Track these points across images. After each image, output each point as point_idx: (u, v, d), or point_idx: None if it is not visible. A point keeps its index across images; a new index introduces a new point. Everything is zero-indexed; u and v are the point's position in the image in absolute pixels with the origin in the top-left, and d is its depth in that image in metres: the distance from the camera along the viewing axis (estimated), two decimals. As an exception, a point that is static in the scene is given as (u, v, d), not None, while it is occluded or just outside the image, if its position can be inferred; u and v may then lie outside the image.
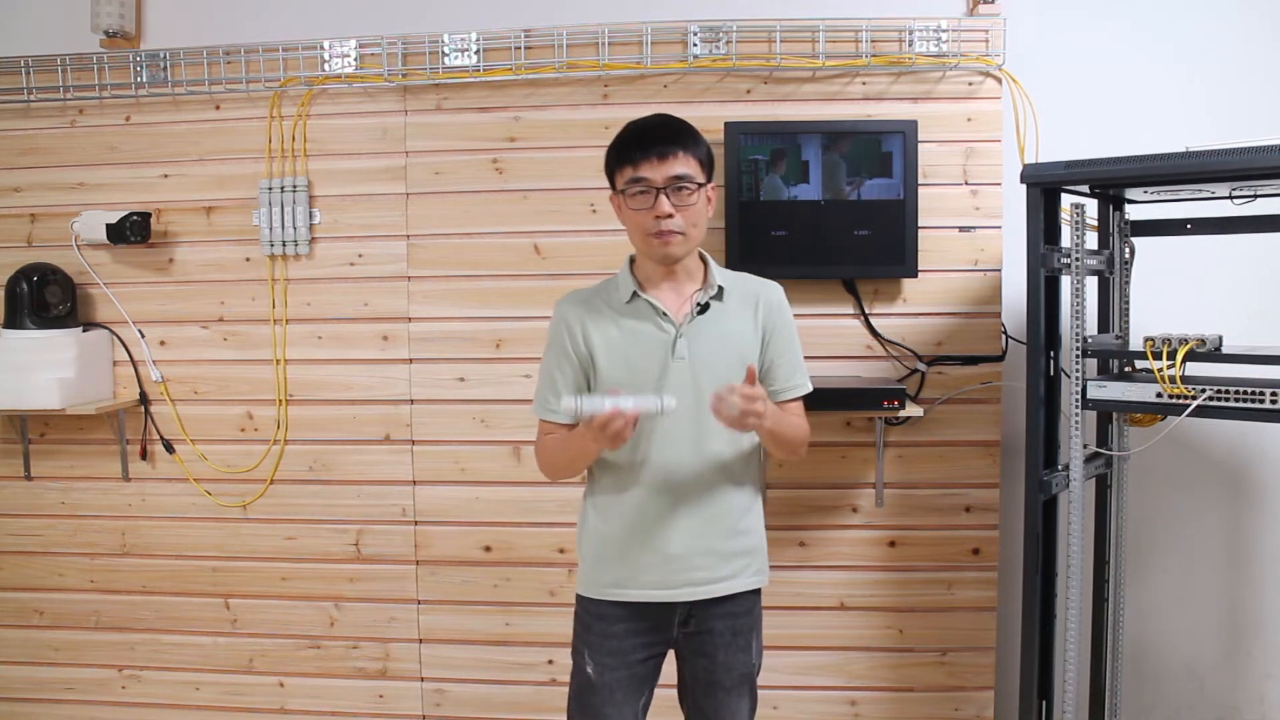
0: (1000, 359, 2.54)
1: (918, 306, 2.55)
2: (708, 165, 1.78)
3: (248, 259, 2.70)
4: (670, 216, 1.71)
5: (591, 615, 1.84)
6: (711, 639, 1.81)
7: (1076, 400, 2.07)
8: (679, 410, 1.68)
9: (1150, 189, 2.18)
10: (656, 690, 1.89)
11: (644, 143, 1.72)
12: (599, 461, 1.82)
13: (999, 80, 2.51)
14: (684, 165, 1.72)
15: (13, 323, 2.62)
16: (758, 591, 1.87)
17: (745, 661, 1.84)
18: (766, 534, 1.90)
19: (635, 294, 1.78)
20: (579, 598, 1.88)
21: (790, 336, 1.86)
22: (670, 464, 1.76)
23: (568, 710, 1.88)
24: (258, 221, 2.67)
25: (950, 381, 2.55)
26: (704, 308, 1.78)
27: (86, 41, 2.72)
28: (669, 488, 1.77)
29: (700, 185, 1.74)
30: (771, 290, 1.86)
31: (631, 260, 1.85)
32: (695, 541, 1.77)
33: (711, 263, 1.84)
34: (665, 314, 1.77)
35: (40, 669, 2.84)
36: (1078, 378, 2.06)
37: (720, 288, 1.79)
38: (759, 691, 1.92)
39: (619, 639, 1.81)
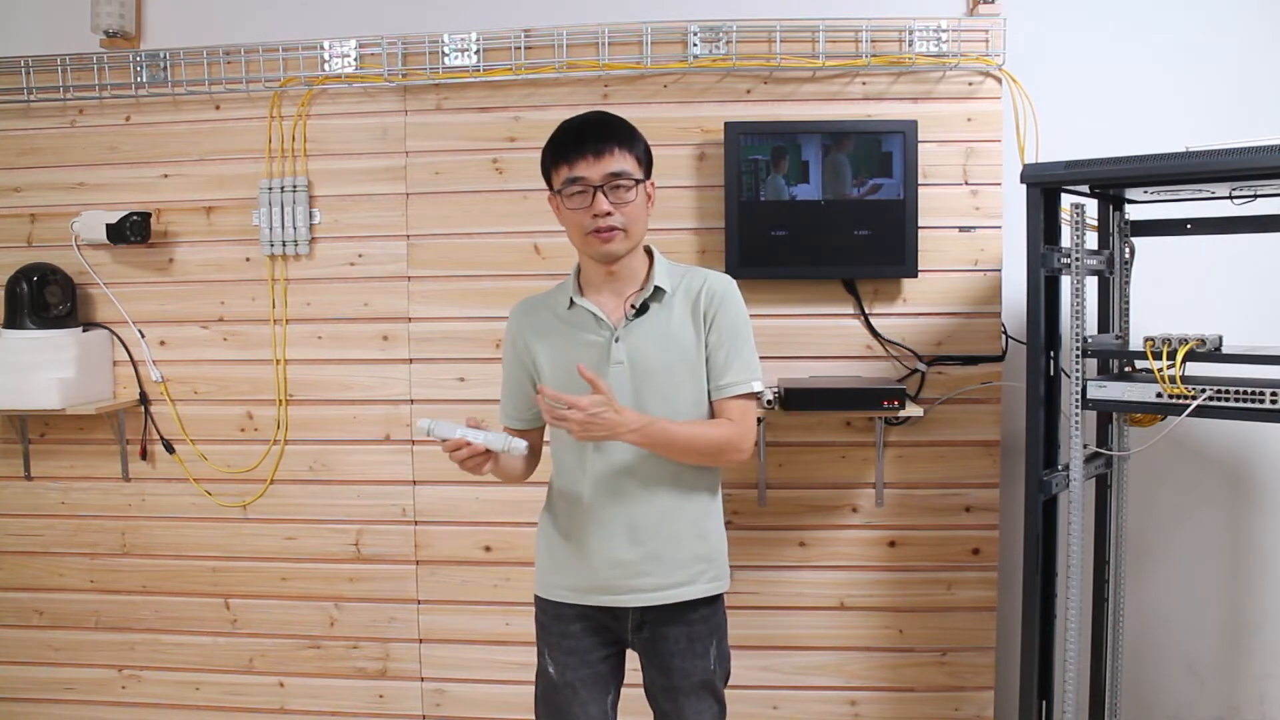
0: (1000, 359, 2.54)
1: (918, 306, 2.55)
2: (645, 162, 1.74)
3: (248, 259, 2.70)
4: (609, 214, 1.68)
5: (548, 615, 1.83)
6: (667, 645, 1.77)
7: (1076, 400, 2.07)
8: None
9: (1150, 189, 2.18)
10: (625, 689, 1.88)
11: (579, 140, 1.69)
12: (554, 466, 1.84)
13: (999, 80, 2.51)
14: (620, 162, 1.68)
15: (13, 323, 2.62)
16: (719, 597, 1.82)
17: (703, 668, 1.78)
18: (764, 534, 1.90)
19: (572, 300, 1.77)
20: (535, 598, 1.86)
21: (732, 328, 1.75)
22: (615, 470, 1.73)
23: (536, 713, 1.86)
24: (258, 221, 2.67)
25: (950, 381, 2.55)
26: (642, 309, 1.75)
27: (86, 41, 2.72)
28: (614, 494, 1.74)
29: (638, 181, 1.71)
30: (715, 280, 1.78)
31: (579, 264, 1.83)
32: (641, 548, 1.74)
33: (659, 260, 1.79)
34: (601, 319, 1.74)
35: (40, 669, 2.84)
36: (1078, 378, 2.06)
37: (658, 288, 1.75)
38: (760, 691, 1.91)
39: (576, 639, 1.79)
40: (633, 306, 1.75)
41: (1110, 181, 2.08)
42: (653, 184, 1.77)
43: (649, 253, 1.81)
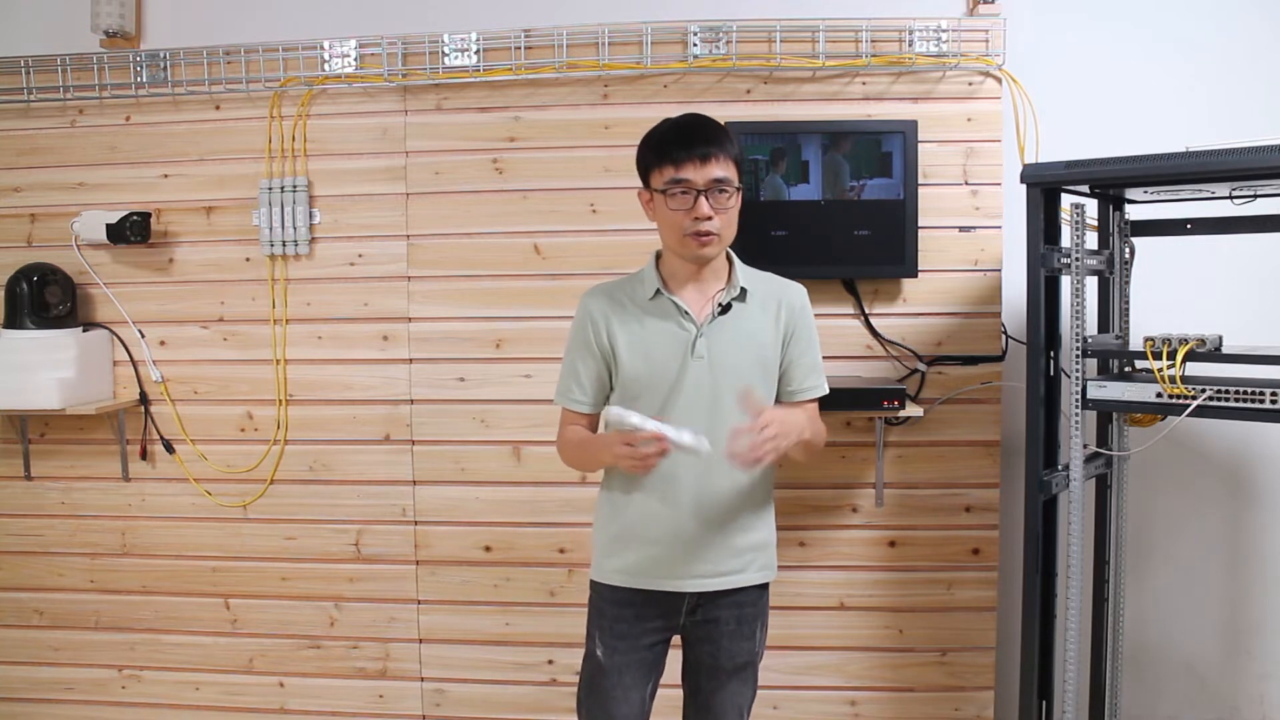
0: (1000, 359, 2.54)
1: (918, 306, 2.55)
2: (741, 166, 1.79)
3: (248, 259, 2.70)
4: (710, 219, 1.71)
5: (604, 599, 1.87)
6: (717, 627, 1.84)
7: (1076, 400, 2.07)
8: (695, 409, 1.73)
9: (1150, 189, 2.18)
10: (660, 690, 1.90)
11: (687, 143, 1.72)
12: None
13: (999, 80, 2.51)
14: (724, 168, 1.72)
15: (13, 323, 2.62)
16: (766, 585, 1.89)
17: (749, 650, 1.87)
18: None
19: (659, 291, 1.80)
20: (591, 583, 1.90)
21: (810, 338, 1.87)
22: (685, 461, 1.75)
23: (578, 695, 1.90)
24: (258, 221, 2.67)
25: (950, 381, 2.55)
26: (726, 308, 1.79)
27: (86, 41, 2.72)
28: (682, 484, 1.78)
29: (738, 188, 1.75)
30: (794, 292, 1.87)
31: (657, 256, 1.85)
32: (704, 536, 1.79)
33: (737, 262, 1.84)
34: (687, 313, 1.78)
35: (40, 669, 2.84)
36: (1078, 378, 2.06)
37: (743, 289, 1.80)
38: (760, 690, 1.93)
39: (629, 623, 1.83)
40: (720, 305, 1.79)
41: (1110, 181, 2.08)
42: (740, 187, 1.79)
43: (727, 253, 1.84)
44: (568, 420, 1.89)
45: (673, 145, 1.73)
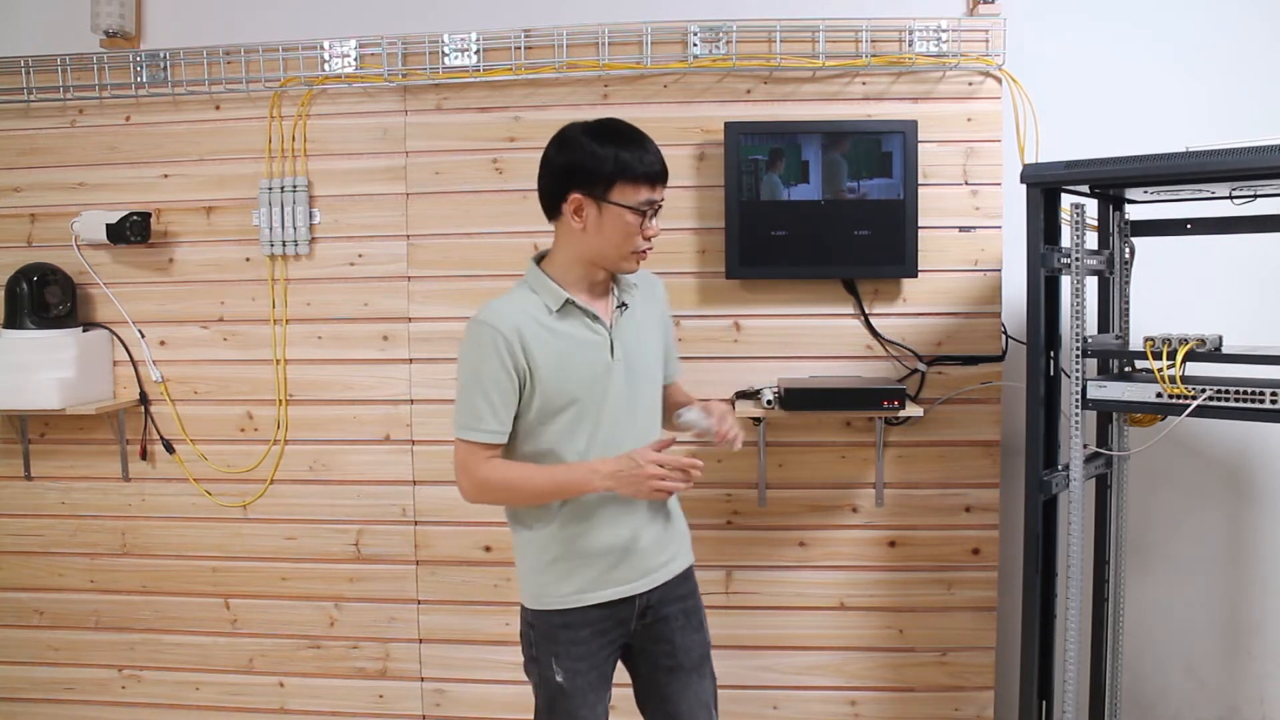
0: (1000, 359, 2.54)
1: (918, 306, 2.55)
2: None
3: (248, 259, 2.70)
4: (655, 236, 1.76)
5: (556, 625, 1.82)
6: (668, 625, 1.84)
7: (1076, 400, 2.07)
8: (620, 410, 1.76)
9: (1150, 189, 2.18)
10: (615, 691, 1.89)
11: (660, 165, 1.73)
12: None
13: (999, 80, 2.51)
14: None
15: (13, 323, 2.62)
16: (691, 570, 1.92)
17: (701, 641, 1.89)
18: (764, 534, 1.92)
19: (568, 301, 1.74)
20: (533, 614, 1.85)
21: (671, 324, 1.99)
22: None
23: None
24: (258, 221, 2.67)
25: (950, 381, 2.55)
26: (623, 306, 1.81)
27: (86, 41, 2.72)
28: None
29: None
30: (659, 282, 1.94)
31: (538, 261, 1.81)
32: (644, 532, 1.80)
33: None
34: (596, 317, 1.76)
35: (40, 669, 2.84)
36: (1078, 378, 2.06)
37: (633, 284, 1.83)
38: (760, 690, 1.93)
39: (585, 643, 1.81)
40: (621, 304, 1.81)
41: (1110, 181, 2.08)
42: None
43: None
44: (480, 455, 1.72)
45: (650, 167, 1.70)
